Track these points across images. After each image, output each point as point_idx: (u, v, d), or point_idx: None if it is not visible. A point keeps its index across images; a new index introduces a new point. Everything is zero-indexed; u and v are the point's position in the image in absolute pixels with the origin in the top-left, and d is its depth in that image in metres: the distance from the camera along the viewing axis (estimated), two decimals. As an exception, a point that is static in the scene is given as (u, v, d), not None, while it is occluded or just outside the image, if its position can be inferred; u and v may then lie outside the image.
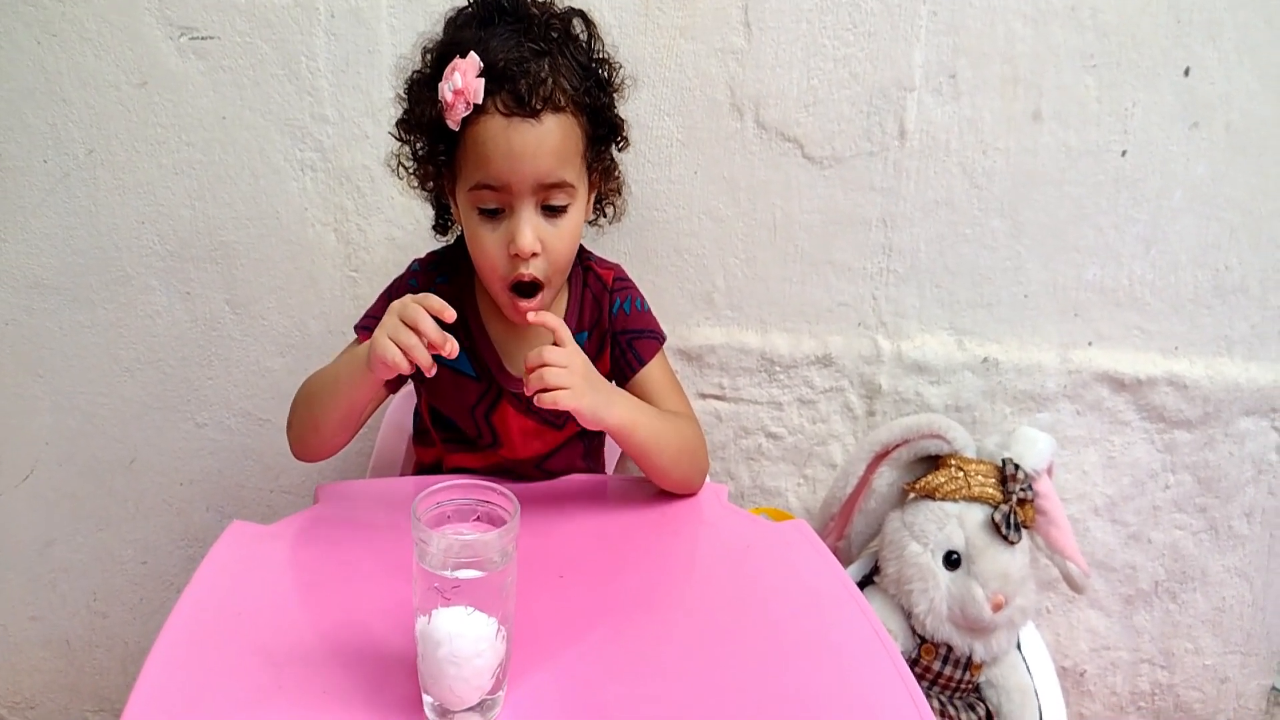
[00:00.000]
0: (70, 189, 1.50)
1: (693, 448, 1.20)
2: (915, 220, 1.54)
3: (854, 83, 1.48)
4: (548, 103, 1.04)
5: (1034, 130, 1.50)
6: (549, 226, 1.09)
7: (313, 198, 1.51)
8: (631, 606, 1.01)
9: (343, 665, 0.87)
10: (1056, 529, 1.47)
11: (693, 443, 1.20)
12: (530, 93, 1.03)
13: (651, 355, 1.24)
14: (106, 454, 1.63)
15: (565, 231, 1.10)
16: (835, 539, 1.55)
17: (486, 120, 1.04)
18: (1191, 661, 1.79)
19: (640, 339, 1.24)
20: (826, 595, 1.04)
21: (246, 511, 1.66)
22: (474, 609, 0.78)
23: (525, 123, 1.04)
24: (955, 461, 1.45)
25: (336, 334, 1.56)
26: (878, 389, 1.62)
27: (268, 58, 1.45)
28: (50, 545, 1.68)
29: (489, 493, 0.84)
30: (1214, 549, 1.72)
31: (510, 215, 1.08)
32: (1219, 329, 1.61)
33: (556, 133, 1.06)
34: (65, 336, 1.57)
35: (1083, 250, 1.57)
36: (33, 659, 1.76)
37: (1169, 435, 1.65)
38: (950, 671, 1.45)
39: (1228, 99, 1.49)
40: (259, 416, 1.62)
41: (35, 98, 1.46)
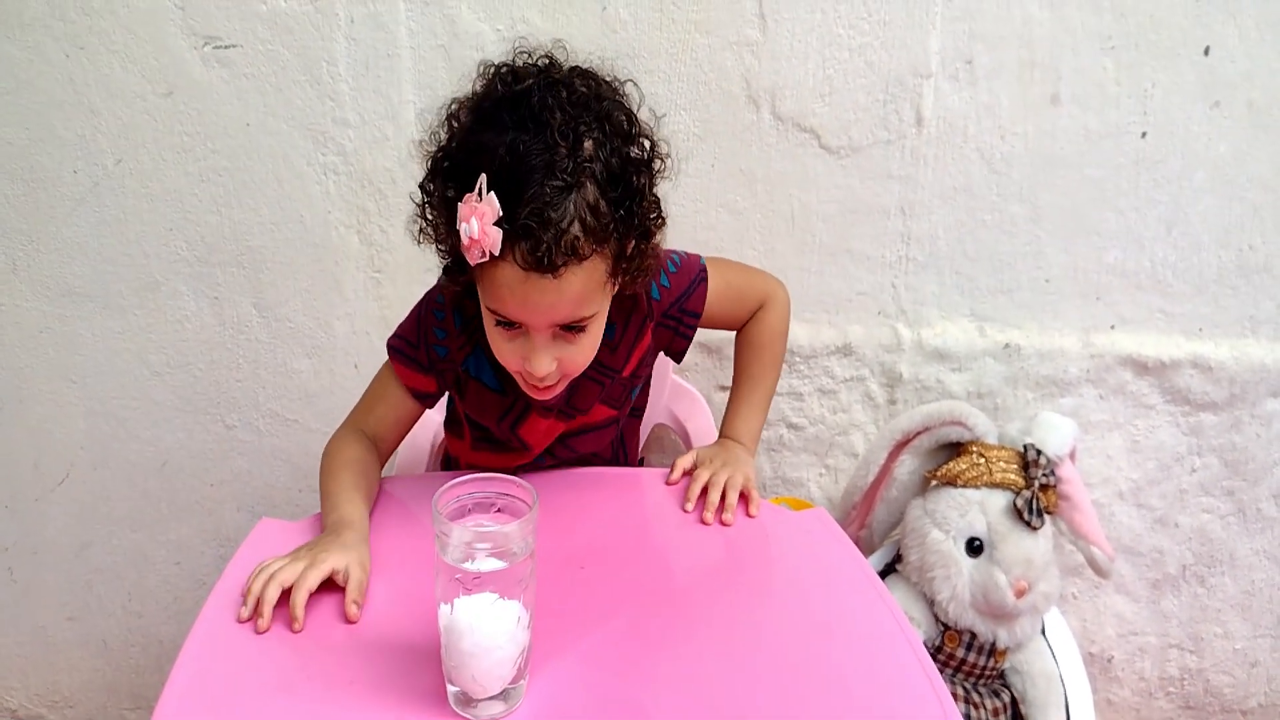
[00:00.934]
0: (100, 198, 1.52)
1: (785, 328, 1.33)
2: (934, 207, 1.54)
3: (870, 71, 1.48)
4: (571, 256, 0.94)
5: (1052, 114, 1.50)
6: (567, 346, 1.04)
7: (336, 201, 1.53)
8: (652, 596, 1.02)
9: (368, 656, 0.89)
10: (1080, 514, 1.47)
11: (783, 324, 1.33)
12: (551, 251, 0.93)
13: (703, 300, 1.22)
14: (139, 457, 1.66)
15: (584, 346, 1.05)
16: (857, 528, 1.56)
17: (504, 266, 0.95)
18: (1221, 646, 1.78)
19: (688, 299, 1.21)
20: (847, 583, 1.05)
21: (276, 511, 1.67)
22: (496, 597, 0.80)
23: (544, 279, 0.95)
24: (977, 448, 1.45)
25: (361, 334, 1.58)
26: (899, 377, 1.62)
27: (289, 64, 1.46)
28: (87, 547, 1.71)
29: (509, 485, 0.85)
30: (1242, 532, 1.71)
31: (526, 335, 1.02)
32: (1244, 309, 1.60)
33: (578, 284, 0.97)
34: (97, 342, 1.59)
35: (1104, 233, 1.56)
36: (71, 659, 1.80)
37: (1194, 418, 1.64)
38: (974, 658, 1.45)
39: (1249, 76, 1.48)
40: (287, 417, 1.64)
41: (64, 109, 1.48)
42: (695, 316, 1.23)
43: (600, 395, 1.21)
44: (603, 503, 1.20)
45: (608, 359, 1.17)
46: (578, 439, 1.25)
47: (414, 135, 1.47)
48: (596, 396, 1.20)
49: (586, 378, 1.15)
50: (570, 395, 1.18)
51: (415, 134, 1.48)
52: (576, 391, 1.18)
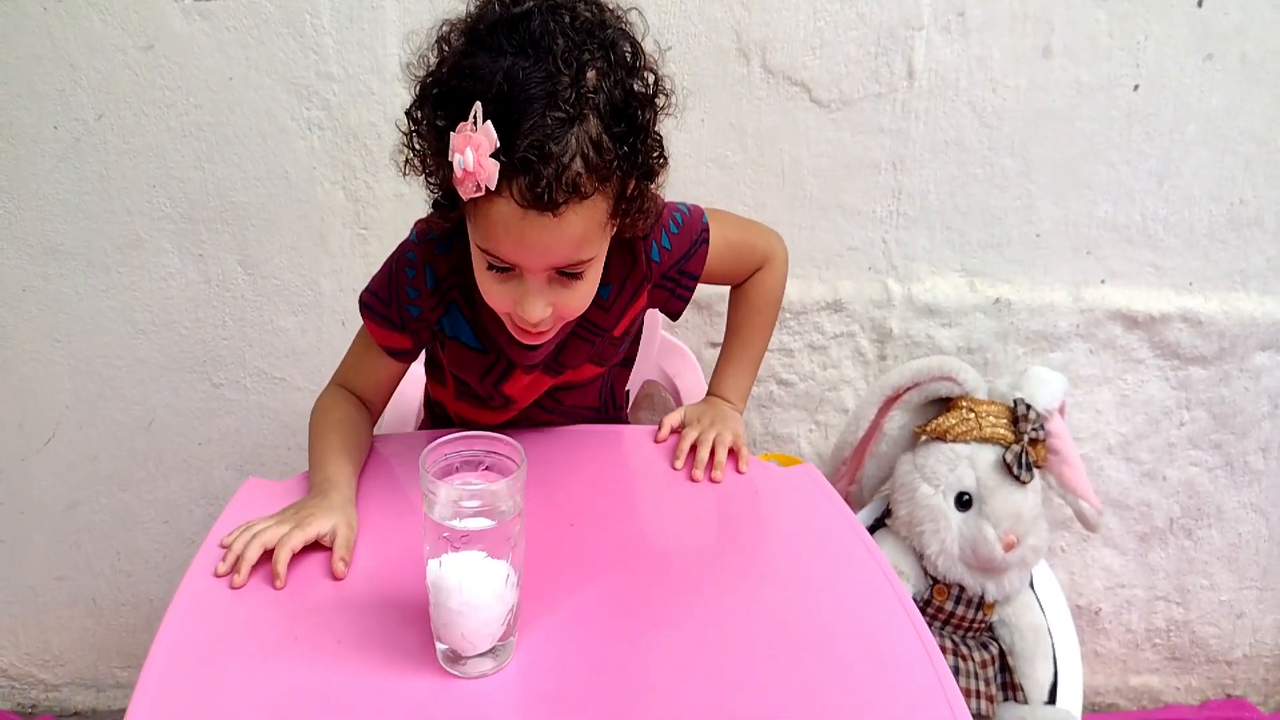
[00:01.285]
0: (81, 154, 1.50)
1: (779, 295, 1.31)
2: (925, 161, 1.53)
3: (861, 23, 1.46)
4: (573, 193, 0.88)
5: (1044, 67, 1.48)
6: (562, 290, 0.98)
7: (320, 156, 1.51)
8: (641, 554, 1.03)
9: (356, 614, 0.89)
10: (1069, 468, 1.48)
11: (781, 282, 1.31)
12: (552, 187, 0.87)
13: (704, 262, 1.17)
14: (126, 416, 1.65)
15: (581, 292, 1.00)
16: (847, 484, 1.56)
17: (500, 202, 0.89)
18: (1207, 598, 1.80)
19: (688, 261, 1.16)
20: (835, 539, 1.05)
21: (264, 469, 1.68)
22: (484, 555, 0.80)
23: (543, 217, 0.89)
24: (966, 403, 1.45)
25: (348, 291, 1.57)
26: (889, 333, 1.62)
27: (272, 17, 1.44)
28: (74, 507, 1.71)
29: (496, 443, 0.84)
30: (1230, 485, 1.72)
31: (520, 278, 0.97)
32: (1234, 263, 1.60)
33: (578, 224, 0.92)
34: (81, 301, 1.58)
35: (1095, 187, 1.55)
36: (60, 618, 1.80)
37: (1183, 372, 1.65)
38: (963, 611, 1.46)
39: (1242, 29, 1.47)
40: (274, 375, 1.63)
41: (43, 64, 1.45)
42: (694, 278, 1.18)
43: (589, 354, 1.17)
44: (591, 460, 1.19)
45: (600, 319, 1.13)
46: (565, 393, 1.24)
47: (399, 77, 1.40)
48: (585, 355, 1.17)
49: (576, 336, 1.14)
50: (558, 353, 1.15)
51: (400, 84, 1.46)
52: (564, 349, 1.15)
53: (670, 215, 1.15)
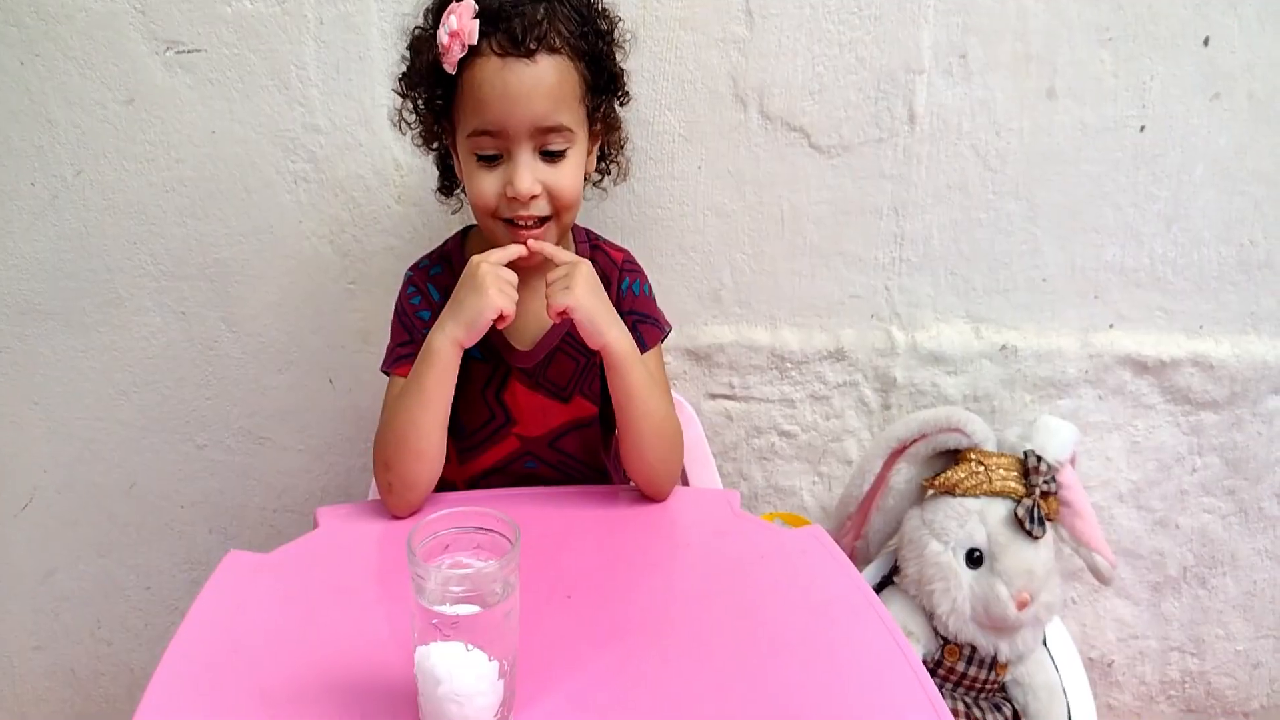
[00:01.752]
0: (59, 211, 1.47)
1: (674, 433, 1.19)
2: (927, 206, 1.50)
3: (861, 68, 1.43)
4: (542, 43, 1.05)
5: (1049, 108, 1.46)
6: (547, 169, 1.10)
7: (307, 210, 1.48)
8: (641, 627, 0.98)
9: (341, 701, 0.84)
10: (1081, 520, 1.43)
11: (675, 428, 1.19)
12: (525, 33, 1.04)
13: (653, 343, 1.24)
14: (105, 479, 1.61)
15: (565, 174, 1.11)
16: (853, 538, 1.51)
17: (482, 62, 1.05)
18: (1223, 648, 1.75)
19: (645, 323, 1.23)
20: (844, 605, 1.01)
21: (249, 532, 1.64)
22: (473, 646, 0.75)
23: (520, 63, 1.05)
24: (975, 456, 1.41)
25: (336, 348, 1.53)
26: (893, 382, 1.58)
27: (256, 69, 1.41)
28: (52, 574, 1.66)
29: (489, 519, 0.80)
30: (1243, 532, 1.68)
31: (508, 160, 1.09)
32: (1245, 306, 1.57)
33: (552, 74, 1.07)
34: (60, 361, 1.54)
35: (1101, 230, 1.52)
36: (38, 689, 1.74)
37: (1195, 417, 1.61)
38: (975, 672, 1.41)
39: (1250, 68, 1.44)
40: (259, 435, 1.59)
41: (20, 119, 1.43)
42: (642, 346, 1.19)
43: (575, 374, 1.22)
44: (589, 523, 1.16)
45: None
46: (564, 439, 1.25)
47: (388, 140, 1.43)
48: (572, 374, 1.22)
49: (561, 351, 1.21)
50: (547, 364, 1.21)
51: (389, 139, 1.44)
52: (552, 361, 1.21)
53: (648, 283, 1.27)
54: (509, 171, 1.09)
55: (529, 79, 1.05)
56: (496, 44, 1.04)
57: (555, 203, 1.12)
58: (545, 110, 1.07)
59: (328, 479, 1.61)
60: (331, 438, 1.58)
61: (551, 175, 1.10)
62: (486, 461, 1.25)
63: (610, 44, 1.16)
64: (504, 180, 1.09)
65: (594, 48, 1.12)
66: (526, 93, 1.05)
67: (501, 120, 1.07)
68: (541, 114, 1.07)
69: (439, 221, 1.47)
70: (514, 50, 1.04)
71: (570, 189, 1.12)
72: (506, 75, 1.05)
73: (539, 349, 1.21)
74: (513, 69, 1.05)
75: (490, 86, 1.05)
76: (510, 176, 1.09)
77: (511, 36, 1.04)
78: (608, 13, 1.16)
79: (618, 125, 1.23)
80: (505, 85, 1.05)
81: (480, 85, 1.06)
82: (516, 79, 1.05)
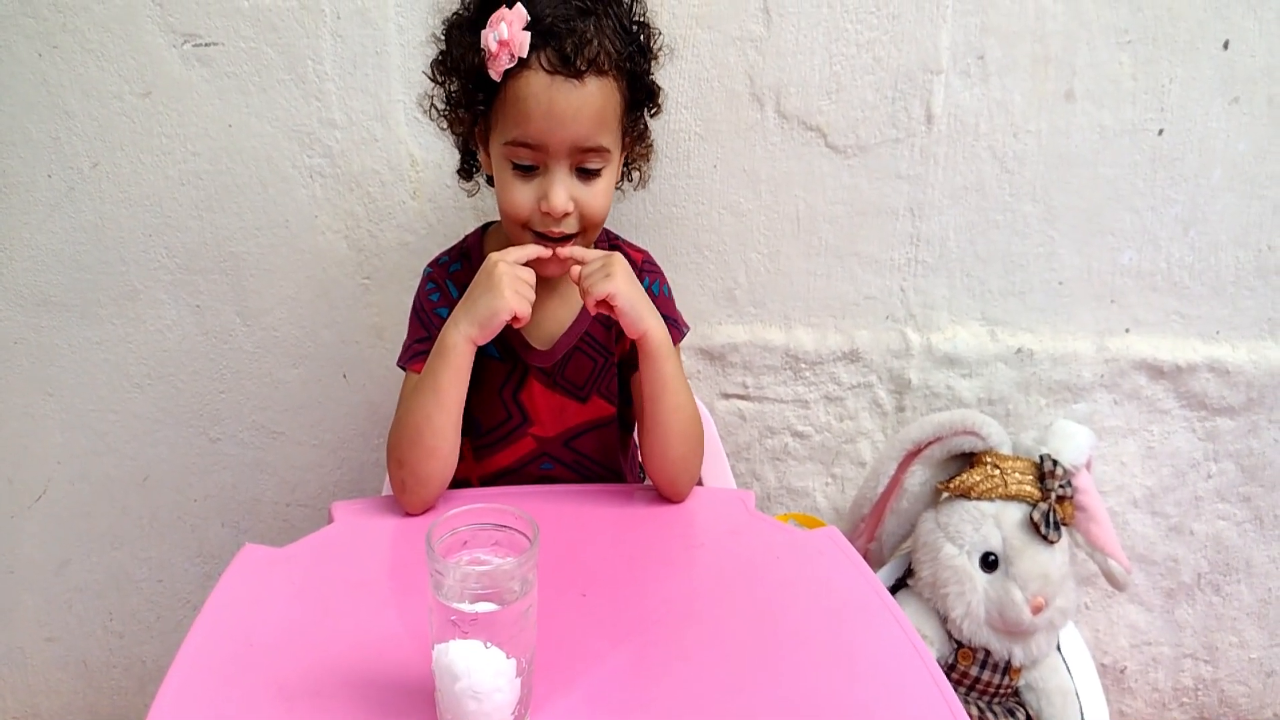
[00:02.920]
0: (75, 203, 1.47)
1: (699, 433, 1.18)
2: (944, 208, 1.50)
3: (878, 67, 1.43)
4: (592, 65, 1.04)
5: (1067, 111, 1.45)
6: (582, 187, 1.10)
7: (323, 205, 1.48)
8: (658, 625, 0.97)
9: (357, 697, 0.84)
10: (1097, 525, 1.43)
11: (700, 429, 1.18)
12: (576, 53, 1.03)
13: (674, 344, 1.21)
14: (119, 472, 1.61)
15: (598, 192, 1.11)
16: (866, 541, 1.51)
17: (530, 75, 1.04)
18: (1236, 655, 1.75)
19: (666, 324, 1.20)
20: (860, 606, 1.01)
21: (262, 526, 1.64)
22: (491, 643, 0.74)
23: (568, 83, 1.04)
24: (991, 459, 1.40)
25: (350, 343, 1.53)
26: (907, 384, 1.58)
27: (273, 63, 1.41)
28: (65, 565, 1.66)
29: (508, 516, 0.80)
30: (1259, 539, 1.67)
31: (544, 174, 1.08)
32: (1262, 311, 1.56)
33: (598, 96, 1.06)
34: (74, 353, 1.54)
35: (1118, 234, 1.51)
36: (50, 680, 1.74)
37: (1210, 423, 1.60)
38: (989, 676, 1.40)
39: (1269, 71, 1.44)
40: (273, 429, 1.59)
41: (38, 111, 1.43)
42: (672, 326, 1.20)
43: (594, 374, 1.22)
44: (604, 522, 1.15)
45: (601, 336, 1.21)
46: (581, 439, 1.24)
47: (404, 136, 1.43)
48: (590, 374, 1.22)
49: (580, 351, 1.20)
50: (565, 363, 1.20)
51: (405, 135, 1.43)
52: (570, 361, 1.20)
53: (667, 283, 1.26)
54: (544, 186, 1.08)
55: (575, 100, 1.04)
56: (546, 60, 1.03)
57: (584, 220, 1.12)
58: (588, 131, 1.06)
59: (341, 474, 1.61)
60: (345, 433, 1.58)
61: (585, 193, 1.10)
62: (502, 461, 1.24)
63: (650, 60, 1.15)
64: (538, 194, 1.09)
65: (637, 65, 1.12)
66: (573, 115, 1.05)
67: (543, 137, 1.06)
68: (584, 136, 1.06)
69: (454, 217, 1.47)
70: (563, 69, 1.03)
71: (601, 208, 1.12)
72: (554, 94, 1.04)
73: (557, 348, 1.20)
74: (560, 89, 1.04)
75: (536, 102, 1.04)
76: (545, 191, 1.08)
77: (562, 55, 1.03)
78: (649, 26, 1.15)
79: (648, 137, 1.23)
80: (551, 104, 1.04)
81: (525, 99, 1.04)
82: (564, 99, 1.04)
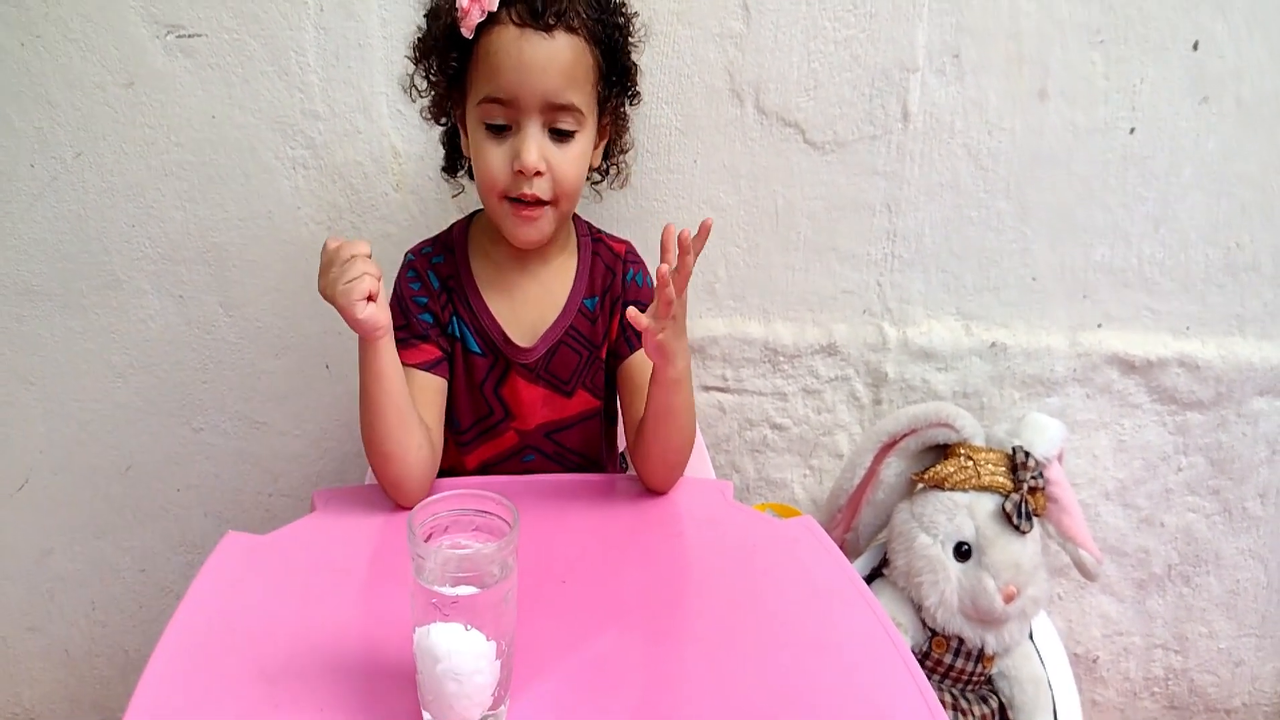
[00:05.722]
0: (58, 193, 1.47)
1: (693, 439, 1.18)
2: (920, 204, 1.52)
3: (855, 65, 1.44)
4: (561, 19, 1.06)
5: (1040, 109, 1.47)
6: (555, 149, 1.10)
7: (305, 196, 1.48)
8: (636, 612, 0.99)
9: (340, 681, 0.85)
10: (1068, 516, 1.45)
11: (694, 435, 1.19)
12: (545, 7, 1.05)
13: None
14: (102, 461, 1.61)
15: (571, 156, 1.11)
16: (843, 531, 1.53)
17: (500, 30, 1.06)
18: (1205, 645, 1.77)
19: None
20: (835, 594, 1.02)
21: (245, 516, 1.64)
22: (471, 626, 0.76)
23: (537, 34, 1.06)
24: (964, 450, 1.42)
25: (332, 334, 1.53)
26: (884, 377, 1.60)
27: (256, 54, 1.42)
28: (47, 555, 1.66)
29: (488, 502, 0.81)
30: (1227, 531, 1.70)
31: (517, 133, 1.09)
32: (1231, 308, 1.59)
33: (568, 52, 1.07)
34: (57, 343, 1.54)
35: (1091, 230, 1.54)
36: (32, 669, 1.75)
37: (1181, 417, 1.63)
38: (962, 664, 1.42)
39: (1238, 73, 1.46)
40: (256, 420, 1.59)
41: (20, 101, 1.43)
42: None
43: (579, 368, 1.22)
44: (583, 511, 1.16)
45: (586, 330, 1.22)
46: (564, 433, 1.25)
47: (387, 128, 1.44)
48: (575, 368, 1.22)
49: (565, 345, 1.20)
50: (550, 358, 1.20)
51: (388, 127, 1.44)
52: (555, 355, 1.20)
53: (650, 274, 1.25)
54: (516, 144, 1.09)
55: (544, 52, 1.06)
56: (515, 14, 1.05)
57: (557, 187, 1.11)
58: (558, 86, 1.07)
59: (323, 464, 1.62)
60: (327, 423, 1.59)
61: (557, 156, 1.10)
62: (484, 454, 1.25)
63: (626, 36, 1.16)
64: (511, 154, 1.09)
65: (610, 37, 1.13)
66: (541, 65, 1.06)
67: (514, 89, 1.07)
68: (554, 89, 1.07)
69: (436, 209, 1.48)
70: (532, 22, 1.05)
71: (573, 174, 1.12)
72: (523, 45, 1.05)
73: (541, 343, 1.20)
74: (529, 40, 1.05)
75: (505, 54, 1.06)
76: (518, 148, 1.08)
77: (531, 9, 1.05)
78: (625, 7, 1.17)
79: (626, 126, 1.24)
80: (520, 55, 1.05)
81: (495, 53, 1.06)
82: (532, 50, 1.05)
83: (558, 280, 1.22)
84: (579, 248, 1.25)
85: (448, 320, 1.19)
